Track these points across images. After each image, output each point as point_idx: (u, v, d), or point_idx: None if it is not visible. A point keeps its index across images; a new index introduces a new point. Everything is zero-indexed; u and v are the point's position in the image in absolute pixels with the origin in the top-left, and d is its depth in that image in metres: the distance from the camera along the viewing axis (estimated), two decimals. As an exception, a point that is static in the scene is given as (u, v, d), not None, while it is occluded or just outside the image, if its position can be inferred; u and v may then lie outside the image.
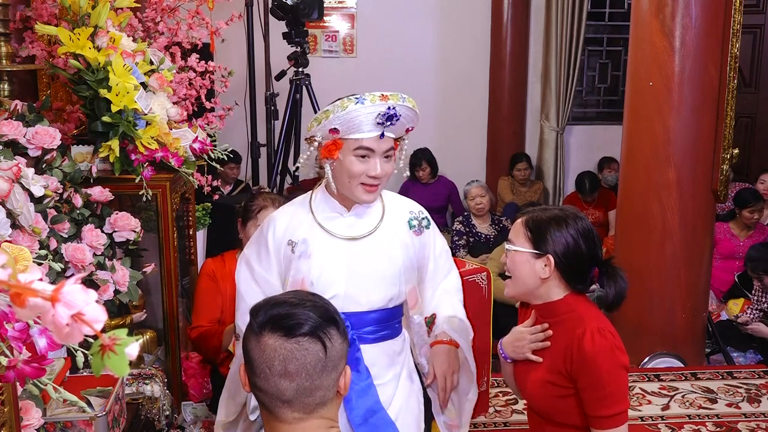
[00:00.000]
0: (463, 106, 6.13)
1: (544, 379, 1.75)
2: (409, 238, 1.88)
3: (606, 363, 1.65)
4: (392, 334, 1.87)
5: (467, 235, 4.88)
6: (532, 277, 1.75)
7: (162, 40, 3.11)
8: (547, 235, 1.72)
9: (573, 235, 1.72)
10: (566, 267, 1.72)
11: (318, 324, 1.21)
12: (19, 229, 1.70)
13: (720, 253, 4.37)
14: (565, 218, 1.74)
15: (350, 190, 1.77)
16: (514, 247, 1.78)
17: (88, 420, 1.81)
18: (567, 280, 1.74)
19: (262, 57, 4.32)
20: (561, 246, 1.71)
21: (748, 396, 3.26)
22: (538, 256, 1.73)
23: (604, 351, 1.65)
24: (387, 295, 1.82)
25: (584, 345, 1.65)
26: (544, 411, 1.79)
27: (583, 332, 1.67)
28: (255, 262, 1.87)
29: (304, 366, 1.19)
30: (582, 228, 1.73)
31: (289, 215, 1.86)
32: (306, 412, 1.21)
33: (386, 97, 1.67)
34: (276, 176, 4.29)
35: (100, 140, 2.31)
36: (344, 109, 1.66)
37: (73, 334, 0.68)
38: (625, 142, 3.56)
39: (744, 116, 5.87)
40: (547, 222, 1.74)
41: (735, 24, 3.22)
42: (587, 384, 1.66)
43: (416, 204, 1.97)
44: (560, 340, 1.73)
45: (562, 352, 1.71)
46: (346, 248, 1.81)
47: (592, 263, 1.75)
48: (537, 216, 1.77)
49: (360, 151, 1.71)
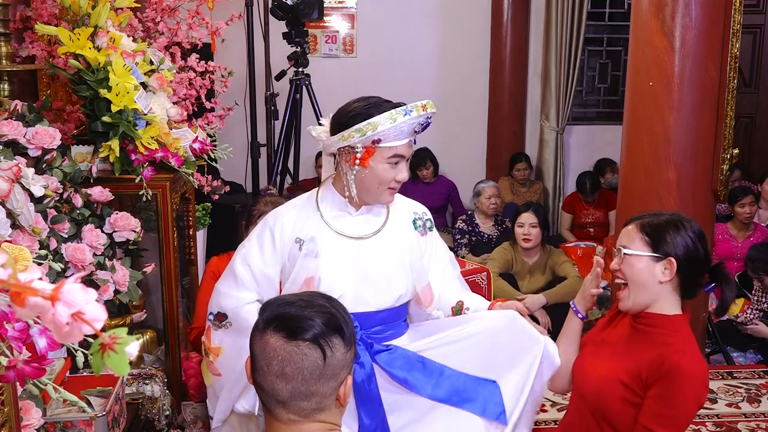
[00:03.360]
0: (463, 106, 6.13)
1: (618, 378, 1.72)
2: (415, 237, 1.89)
3: (689, 389, 1.63)
4: (397, 333, 1.87)
5: (470, 235, 4.88)
6: (651, 281, 1.72)
7: (162, 40, 3.11)
8: (667, 238, 1.71)
9: (692, 237, 1.71)
10: (687, 270, 1.71)
11: (321, 331, 1.20)
12: (19, 229, 1.70)
13: (718, 255, 4.36)
14: (681, 221, 1.74)
15: (377, 195, 1.79)
16: (632, 251, 1.73)
17: (88, 420, 1.81)
18: (684, 285, 1.73)
19: (262, 57, 4.32)
20: (681, 248, 1.70)
21: (748, 396, 3.26)
22: (658, 260, 1.71)
23: (695, 377, 1.64)
24: (395, 294, 1.82)
25: (682, 361, 1.63)
26: (603, 408, 1.75)
27: (685, 351, 1.66)
28: (256, 256, 1.86)
29: (301, 370, 1.18)
30: (698, 230, 1.73)
31: (297, 213, 1.87)
32: (301, 416, 1.20)
33: (425, 107, 1.74)
34: (276, 176, 4.29)
35: (100, 140, 2.31)
36: (394, 121, 1.69)
37: (73, 334, 0.68)
38: (625, 142, 3.55)
39: (744, 116, 5.86)
40: (665, 225, 1.73)
41: (735, 24, 3.22)
42: (660, 395, 1.64)
43: (420, 205, 1.99)
44: (653, 348, 1.70)
45: (651, 359, 1.68)
46: (354, 247, 1.81)
47: (706, 265, 1.75)
48: (652, 220, 1.76)
49: (394, 158, 1.75)
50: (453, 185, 5.76)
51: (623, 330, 1.82)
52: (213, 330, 1.92)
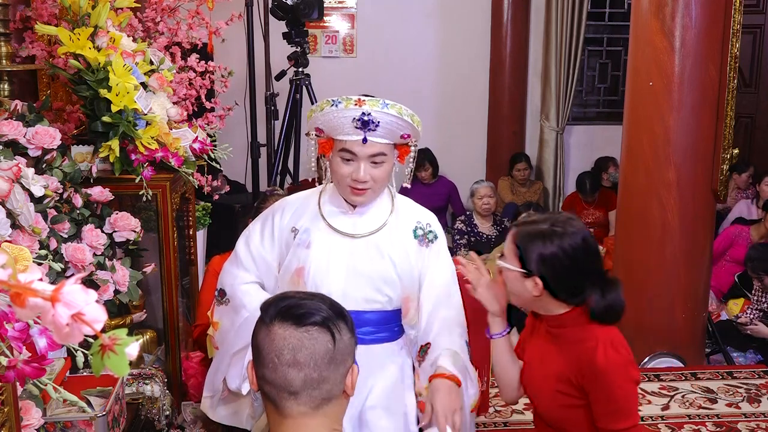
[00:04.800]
0: (463, 106, 6.13)
1: (554, 387, 1.73)
2: (413, 246, 1.85)
3: (619, 378, 1.63)
4: (390, 337, 1.86)
5: (469, 235, 4.88)
6: (525, 294, 1.71)
7: (162, 40, 3.11)
8: (532, 254, 1.67)
9: (558, 253, 1.65)
10: (555, 286, 1.67)
11: (328, 315, 1.23)
12: (19, 229, 1.70)
13: (731, 256, 4.34)
14: (552, 231, 1.67)
15: (342, 191, 1.79)
16: (504, 264, 1.74)
17: (88, 420, 1.81)
18: (559, 298, 1.70)
19: (262, 57, 4.32)
20: (547, 264, 1.65)
21: (748, 396, 3.26)
22: (527, 275, 1.69)
23: (617, 366, 1.63)
24: (385, 297, 1.81)
25: (597, 358, 1.62)
26: (553, 420, 1.77)
27: (595, 345, 1.64)
28: (257, 239, 1.90)
29: (313, 355, 1.20)
30: (568, 245, 1.65)
31: (299, 203, 1.90)
32: (312, 406, 1.21)
33: (362, 102, 1.65)
34: (276, 176, 4.29)
35: (100, 140, 2.31)
36: (321, 110, 1.68)
37: (73, 334, 0.68)
38: (625, 142, 3.55)
39: (744, 116, 5.86)
40: (534, 237, 1.68)
41: (735, 24, 3.22)
42: (599, 397, 1.64)
43: (428, 214, 1.93)
44: (569, 350, 1.70)
45: (574, 362, 1.68)
46: (346, 245, 1.81)
47: (584, 278, 1.69)
48: (526, 230, 1.71)
49: (343, 153, 1.72)
50: (453, 186, 5.76)
51: (543, 338, 1.81)
52: (216, 305, 1.98)
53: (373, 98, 1.66)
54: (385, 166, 1.75)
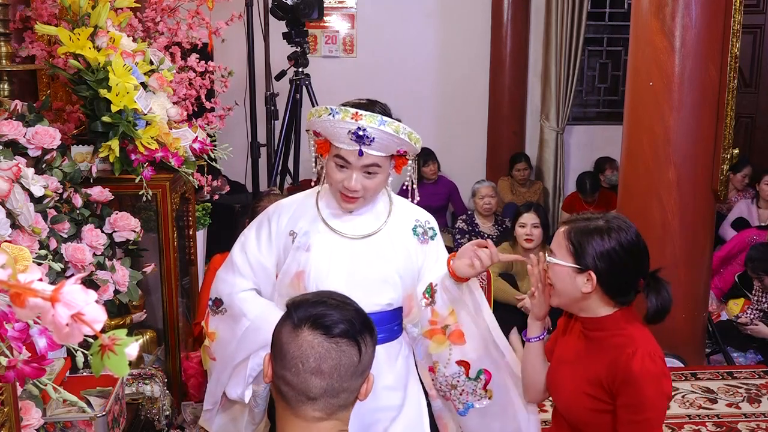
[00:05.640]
0: (463, 106, 6.13)
1: (582, 390, 1.71)
2: (413, 244, 1.86)
3: (652, 389, 1.61)
4: (390, 337, 1.86)
5: (470, 234, 4.89)
6: (574, 291, 1.70)
7: (162, 40, 3.12)
8: (588, 249, 1.65)
9: (617, 246, 1.65)
10: (610, 281, 1.66)
11: (359, 328, 1.23)
12: (19, 229, 1.70)
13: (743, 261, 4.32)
14: (609, 228, 1.67)
15: (333, 193, 1.79)
16: (555, 260, 1.72)
17: (88, 420, 1.81)
18: (610, 294, 1.69)
19: (262, 57, 4.32)
20: (604, 259, 1.65)
21: (748, 396, 3.26)
22: (579, 272, 1.67)
23: (652, 376, 1.62)
24: (386, 298, 1.81)
25: (633, 365, 1.61)
26: (576, 421, 1.75)
27: (633, 352, 1.62)
28: (253, 244, 1.87)
29: (338, 367, 1.20)
30: (626, 240, 1.66)
31: (296, 206, 1.87)
32: (327, 412, 1.21)
33: (359, 116, 1.60)
34: (276, 176, 4.29)
35: (100, 140, 2.31)
36: (318, 116, 1.66)
37: (73, 334, 0.68)
38: (625, 142, 3.55)
39: (744, 116, 5.86)
40: (590, 233, 1.67)
41: (735, 24, 3.22)
42: (627, 404, 1.63)
43: (424, 213, 1.94)
44: (606, 354, 1.68)
45: (609, 367, 1.66)
46: (347, 246, 1.80)
47: (637, 276, 1.69)
48: (580, 226, 1.70)
49: (338, 159, 1.70)
50: (453, 185, 5.76)
51: (576, 339, 1.80)
52: (210, 315, 1.95)
53: (370, 114, 1.61)
54: (379, 177, 1.73)
